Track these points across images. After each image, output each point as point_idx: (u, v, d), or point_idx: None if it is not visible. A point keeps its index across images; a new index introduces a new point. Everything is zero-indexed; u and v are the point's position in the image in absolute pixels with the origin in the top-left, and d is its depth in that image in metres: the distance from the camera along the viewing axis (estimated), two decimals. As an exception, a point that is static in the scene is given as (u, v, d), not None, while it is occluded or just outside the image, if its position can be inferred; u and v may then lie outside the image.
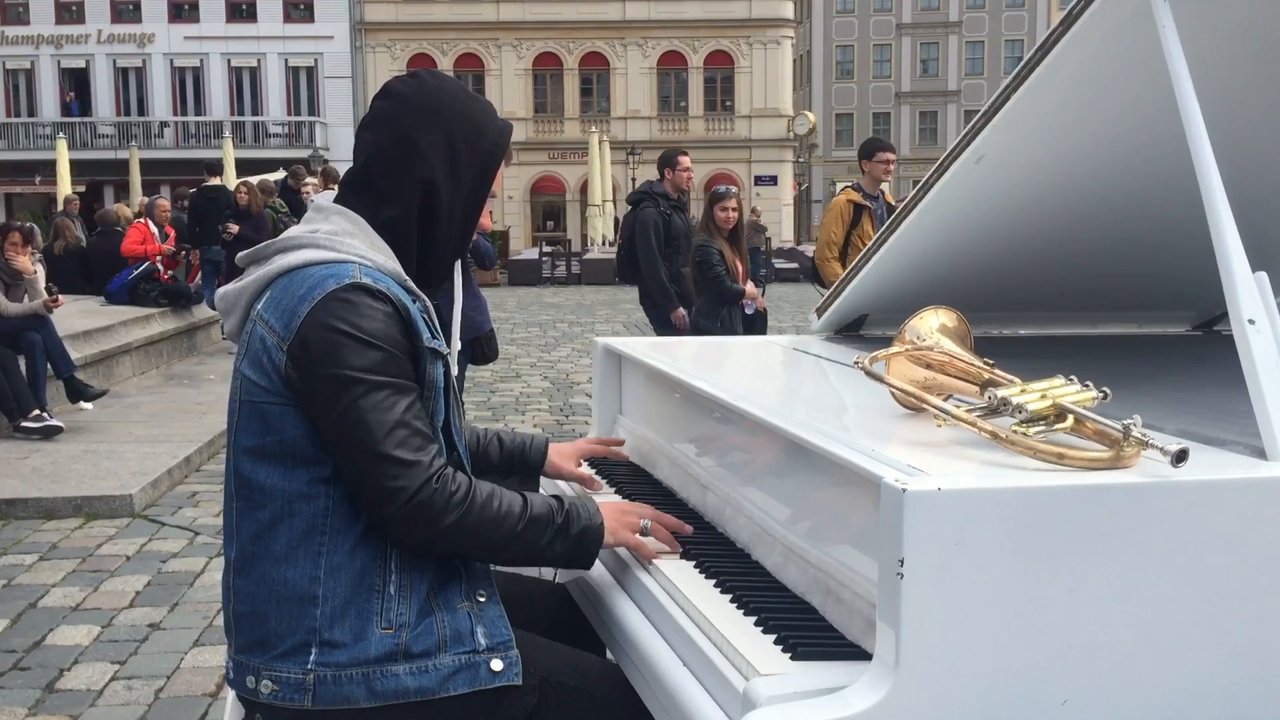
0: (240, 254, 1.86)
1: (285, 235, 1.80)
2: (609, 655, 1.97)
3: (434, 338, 1.75)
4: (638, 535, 1.88)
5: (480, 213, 1.88)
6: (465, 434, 2.19)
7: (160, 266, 11.88)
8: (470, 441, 2.21)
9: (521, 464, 2.26)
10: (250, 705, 1.74)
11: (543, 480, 2.35)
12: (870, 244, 2.57)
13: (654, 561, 1.85)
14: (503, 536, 1.73)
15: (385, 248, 1.76)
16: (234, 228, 11.51)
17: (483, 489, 1.74)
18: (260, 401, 1.69)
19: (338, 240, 1.73)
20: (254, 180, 12.68)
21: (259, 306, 1.73)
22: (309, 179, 13.35)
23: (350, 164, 1.86)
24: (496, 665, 1.71)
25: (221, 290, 1.83)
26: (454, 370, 1.99)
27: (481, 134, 1.83)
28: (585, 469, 2.35)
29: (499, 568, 1.86)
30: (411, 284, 1.76)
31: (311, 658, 1.66)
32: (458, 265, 1.93)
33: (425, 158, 1.77)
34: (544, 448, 2.28)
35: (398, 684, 1.66)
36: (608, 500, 1.98)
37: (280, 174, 15.67)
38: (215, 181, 12.80)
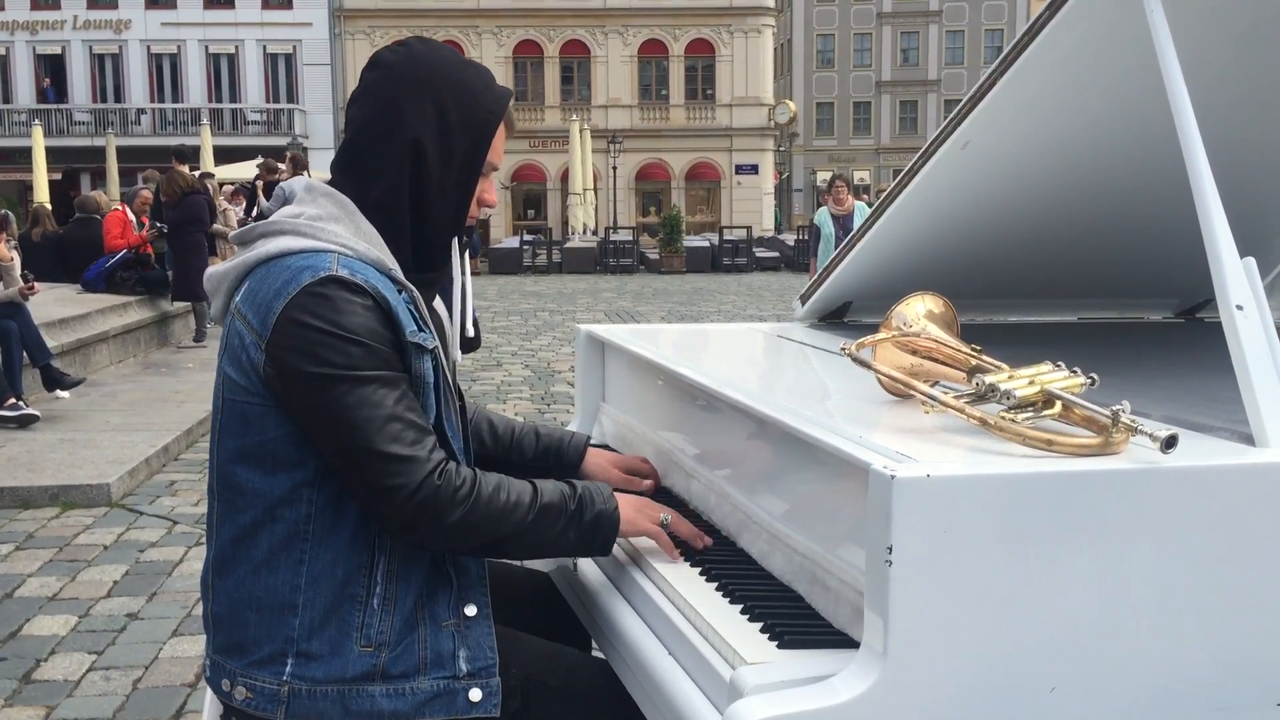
0: (234, 233, 1.80)
1: (272, 218, 1.72)
2: (594, 646, 1.96)
3: (420, 330, 1.66)
4: (657, 526, 1.80)
5: (475, 185, 1.77)
6: (486, 424, 2.12)
7: (136, 254, 11.81)
8: (504, 433, 2.11)
9: (557, 459, 2.12)
10: (226, 709, 1.70)
11: None
12: (855, 231, 2.55)
13: (640, 550, 1.83)
14: (513, 529, 1.66)
15: (372, 233, 1.68)
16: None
17: (489, 481, 1.66)
18: (240, 401, 1.64)
19: (319, 227, 1.65)
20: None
21: (237, 298, 1.67)
22: (280, 167, 13.28)
23: (330, 150, 1.80)
24: (475, 695, 1.65)
25: (209, 271, 1.77)
26: (458, 357, 1.94)
27: (475, 100, 1.73)
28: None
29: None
30: (398, 274, 1.67)
31: (287, 669, 1.62)
32: (457, 246, 1.84)
33: (409, 122, 1.68)
34: (583, 446, 2.13)
35: (373, 705, 1.61)
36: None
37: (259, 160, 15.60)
38: (179, 169, 12.66)
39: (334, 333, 1.57)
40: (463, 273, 1.89)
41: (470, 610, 1.70)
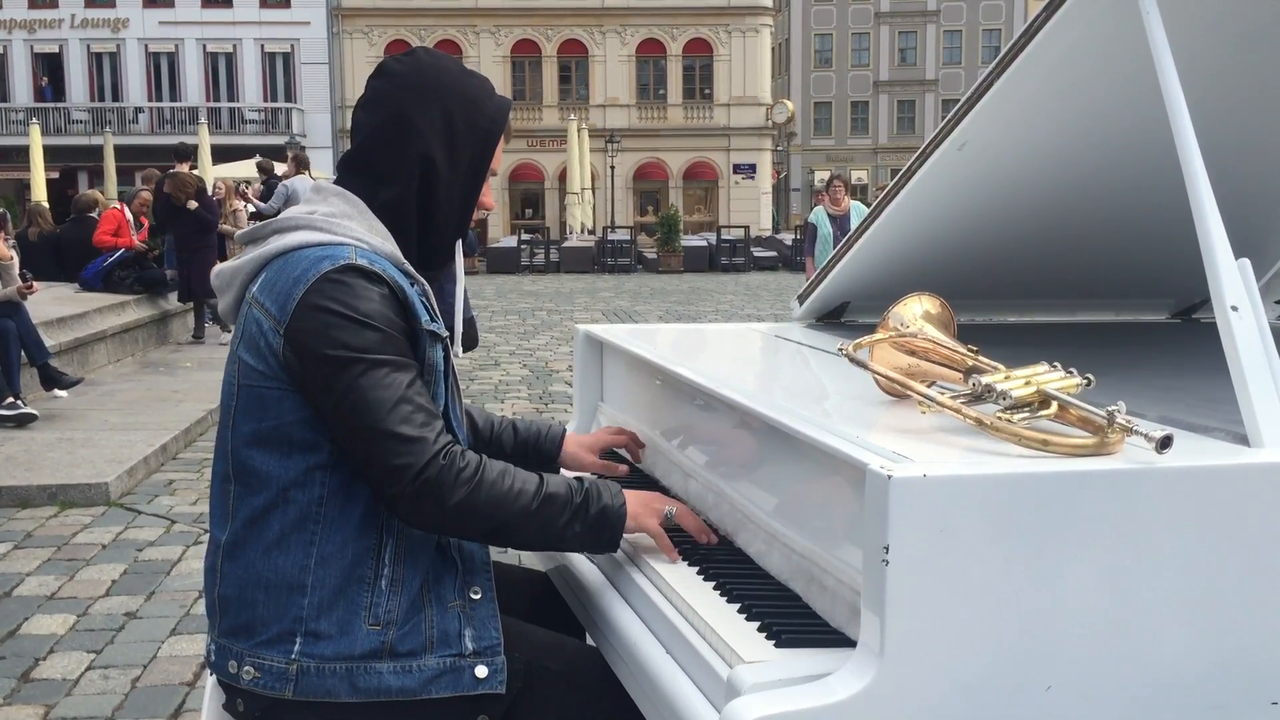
0: (240, 232, 1.85)
1: (283, 216, 1.78)
2: (589, 641, 1.97)
3: (433, 320, 1.73)
4: (659, 524, 1.83)
5: (480, 191, 1.84)
6: (467, 419, 2.15)
7: (135, 254, 11.81)
8: (484, 427, 2.18)
9: (535, 452, 2.19)
10: (231, 690, 1.72)
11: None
12: (853, 231, 2.56)
13: (638, 548, 1.84)
14: (516, 515, 1.69)
15: (383, 230, 1.74)
16: (192, 204, 11.52)
17: (494, 466, 1.70)
18: (258, 386, 1.67)
19: (334, 222, 1.71)
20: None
21: (254, 289, 1.71)
22: (278, 167, 13.26)
23: (327, 150, 1.83)
24: (481, 672, 1.69)
25: (218, 268, 1.81)
26: (458, 350, 1.97)
27: (479, 110, 1.80)
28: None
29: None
30: (409, 267, 1.74)
31: (296, 647, 1.65)
32: (459, 246, 1.90)
33: (422, 135, 1.75)
34: (559, 437, 2.22)
35: (380, 682, 1.65)
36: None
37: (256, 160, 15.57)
38: (181, 168, 12.61)
39: (351, 317, 1.62)
40: (457, 274, 1.94)
41: (475, 594, 1.74)
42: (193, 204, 11.35)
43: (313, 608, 1.65)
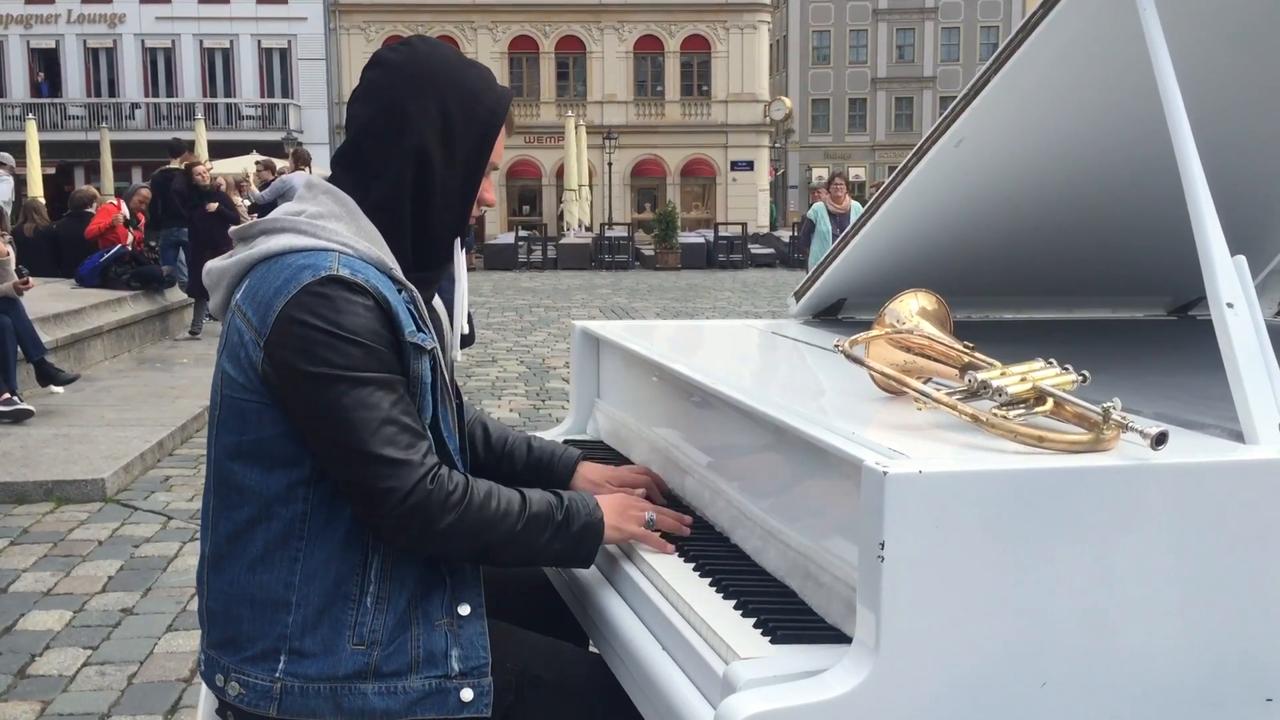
0: (232, 229, 1.80)
1: (271, 215, 1.73)
2: (590, 642, 1.97)
3: (419, 331, 1.66)
4: (642, 528, 1.81)
5: (479, 185, 1.77)
6: (480, 428, 2.10)
7: (130, 248, 11.79)
8: (497, 441, 2.10)
9: (547, 472, 2.09)
10: (220, 703, 1.71)
11: None
12: (849, 228, 2.56)
13: (635, 545, 1.84)
14: (501, 537, 1.66)
15: (373, 232, 1.68)
16: (212, 206, 11.47)
17: (480, 487, 1.67)
18: (239, 398, 1.63)
19: (320, 225, 1.65)
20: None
21: (238, 296, 1.67)
22: (277, 163, 13.24)
23: (324, 145, 1.81)
24: (467, 695, 1.65)
25: (207, 266, 1.77)
26: (457, 354, 1.94)
27: (477, 101, 1.73)
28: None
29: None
30: (398, 273, 1.67)
31: (280, 665, 1.62)
32: (459, 244, 1.83)
33: (416, 127, 1.68)
34: (573, 462, 2.09)
35: (365, 703, 1.62)
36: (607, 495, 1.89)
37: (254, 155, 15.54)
38: (177, 163, 12.60)
39: (333, 332, 1.57)
40: (458, 273, 1.90)
41: (464, 610, 1.70)
42: (212, 205, 11.36)
43: (297, 625, 1.62)
